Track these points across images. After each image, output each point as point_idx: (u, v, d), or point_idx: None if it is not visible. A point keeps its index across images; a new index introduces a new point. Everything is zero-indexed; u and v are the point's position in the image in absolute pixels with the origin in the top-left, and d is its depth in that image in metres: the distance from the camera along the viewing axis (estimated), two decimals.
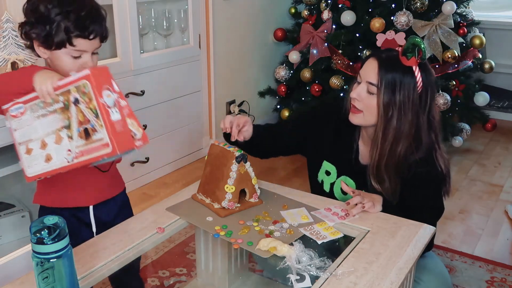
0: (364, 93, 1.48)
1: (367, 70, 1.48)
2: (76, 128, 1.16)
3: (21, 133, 1.25)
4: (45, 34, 1.28)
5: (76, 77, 1.13)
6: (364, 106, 1.49)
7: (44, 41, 1.29)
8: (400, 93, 1.43)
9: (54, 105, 1.17)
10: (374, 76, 1.45)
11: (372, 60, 1.48)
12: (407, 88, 1.44)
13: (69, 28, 1.27)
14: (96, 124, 1.14)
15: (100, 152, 1.15)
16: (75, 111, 1.15)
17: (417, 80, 1.44)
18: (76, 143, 1.16)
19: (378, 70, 1.45)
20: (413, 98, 1.44)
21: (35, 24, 1.28)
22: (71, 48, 1.30)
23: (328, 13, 3.18)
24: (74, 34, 1.28)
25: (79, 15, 1.28)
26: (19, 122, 1.24)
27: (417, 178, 1.50)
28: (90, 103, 1.13)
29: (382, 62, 1.46)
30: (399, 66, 1.44)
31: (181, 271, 2.04)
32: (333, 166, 1.64)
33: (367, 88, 1.47)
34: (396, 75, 1.44)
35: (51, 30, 1.27)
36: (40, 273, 0.96)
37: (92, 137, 1.15)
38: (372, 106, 1.47)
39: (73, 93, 1.14)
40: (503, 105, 3.95)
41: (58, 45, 1.29)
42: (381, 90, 1.44)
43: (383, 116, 1.46)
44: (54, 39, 1.28)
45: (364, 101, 1.48)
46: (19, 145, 1.26)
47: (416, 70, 1.44)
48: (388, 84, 1.43)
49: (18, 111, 1.21)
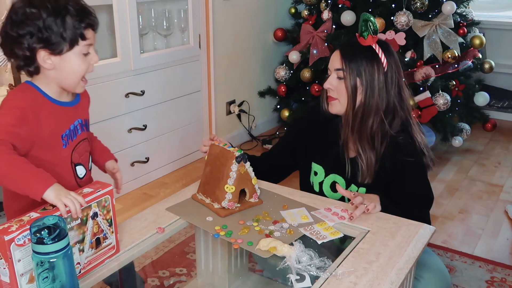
0: (334, 81, 1.57)
1: (333, 60, 1.58)
2: (89, 240, 1.16)
3: (26, 262, 1.02)
4: (55, 36, 1.21)
5: (100, 193, 1.16)
6: (337, 93, 1.57)
7: (54, 45, 1.22)
8: (366, 73, 1.53)
9: (72, 223, 1.10)
10: (338, 62, 1.55)
11: (336, 51, 1.59)
12: (370, 67, 1.53)
13: (76, 22, 1.23)
14: (108, 231, 1.21)
15: (106, 255, 1.22)
16: (91, 225, 1.16)
17: (380, 58, 1.53)
18: (86, 254, 1.16)
19: (341, 56, 1.56)
20: (379, 76, 1.53)
21: (37, 32, 1.20)
22: (83, 44, 1.25)
23: (328, 13, 3.18)
24: (83, 25, 1.24)
25: (77, 7, 1.24)
26: (25, 251, 1.02)
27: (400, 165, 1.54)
28: (107, 214, 1.19)
29: (343, 48, 1.58)
30: (359, 47, 1.55)
31: (181, 271, 2.04)
32: (320, 166, 1.69)
33: (336, 75, 1.57)
34: (358, 57, 1.53)
35: (59, 29, 1.21)
36: (40, 273, 0.97)
37: (102, 244, 1.20)
38: (344, 90, 1.55)
39: (93, 208, 1.15)
40: (503, 105, 3.95)
41: (72, 43, 1.23)
42: (347, 72, 1.53)
43: (351, 96, 1.54)
44: (66, 38, 1.22)
45: (337, 88, 1.57)
46: (20, 276, 1.02)
47: (378, 50, 1.54)
48: (352, 65, 1.53)
49: (26, 238, 1.00)
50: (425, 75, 3.01)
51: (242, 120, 3.65)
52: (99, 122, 2.49)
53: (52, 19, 1.21)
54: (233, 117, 3.58)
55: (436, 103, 3.04)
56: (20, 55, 1.23)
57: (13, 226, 1.00)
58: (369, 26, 1.53)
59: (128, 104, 2.72)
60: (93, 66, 1.31)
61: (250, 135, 3.70)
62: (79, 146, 1.37)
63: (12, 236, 0.98)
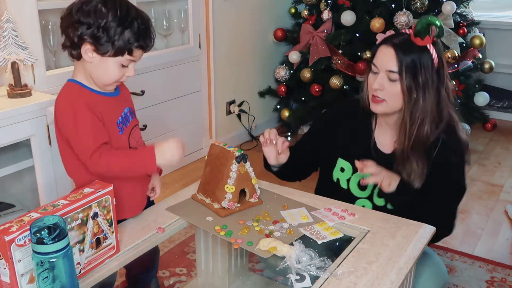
0: (385, 82, 1.48)
1: (384, 58, 1.48)
2: (89, 241, 1.17)
3: (26, 263, 1.03)
4: (106, 40, 1.28)
5: (101, 193, 1.16)
6: (386, 95, 1.49)
7: (101, 46, 1.29)
8: (422, 74, 1.45)
9: (72, 223, 1.11)
10: (393, 63, 1.46)
11: (386, 47, 1.48)
12: (426, 67, 1.45)
13: (132, 38, 1.30)
14: (108, 231, 1.21)
15: (107, 255, 1.22)
16: (92, 225, 1.16)
17: (433, 57, 1.46)
18: (86, 254, 1.17)
19: (396, 56, 1.45)
20: (433, 75, 1.46)
21: (95, 27, 1.27)
22: (127, 57, 1.33)
23: (328, 13, 3.18)
24: (136, 44, 1.31)
25: (142, 27, 1.32)
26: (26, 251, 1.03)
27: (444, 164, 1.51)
28: (108, 214, 1.19)
29: (398, 47, 1.46)
30: (414, 47, 1.46)
31: (181, 271, 2.04)
32: (348, 163, 1.63)
33: (387, 76, 1.48)
34: (414, 57, 1.44)
35: (113, 36, 1.28)
36: (40, 273, 0.97)
37: (102, 244, 1.20)
38: (395, 92, 1.47)
39: (93, 208, 1.15)
40: (503, 105, 3.95)
41: (116, 52, 1.30)
42: (402, 75, 1.45)
43: (408, 99, 1.47)
44: (114, 46, 1.29)
45: (387, 90, 1.49)
46: (20, 276, 1.03)
47: (430, 47, 1.46)
48: (408, 68, 1.44)
49: (26, 238, 1.01)
50: None
51: (242, 120, 3.65)
52: None
53: (115, 25, 1.28)
54: (233, 117, 3.58)
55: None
56: (70, 37, 1.31)
57: (14, 227, 1.00)
58: (432, 30, 1.46)
59: None
60: (126, 77, 1.38)
61: (250, 135, 3.70)
62: (134, 132, 1.47)
63: (12, 237, 0.98)
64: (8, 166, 1.87)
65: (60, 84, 1.41)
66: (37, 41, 2.03)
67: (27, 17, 1.99)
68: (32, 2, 2.01)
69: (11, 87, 1.87)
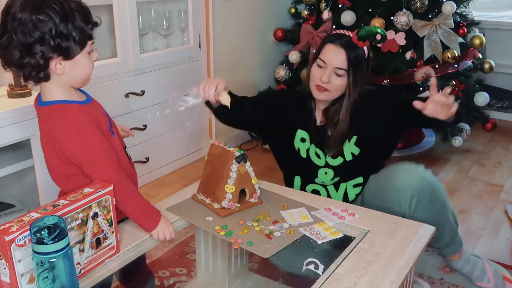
0: (333, 76, 1.70)
1: (334, 56, 1.69)
2: (89, 240, 1.17)
3: (26, 263, 1.04)
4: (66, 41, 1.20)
5: (101, 193, 1.16)
6: (331, 86, 1.71)
7: (67, 50, 1.21)
8: (362, 68, 1.72)
9: (72, 223, 1.11)
10: (342, 61, 1.68)
11: (335, 47, 1.70)
12: (363, 61, 1.72)
13: (83, 24, 1.22)
14: (108, 231, 1.21)
15: (107, 255, 1.23)
16: (91, 225, 1.16)
17: (365, 51, 1.73)
18: (86, 254, 1.17)
19: (345, 56, 1.68)
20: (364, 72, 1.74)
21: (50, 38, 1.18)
22: (89, 43, 1.25)
23: (328, 13, 3.18)
24: (90, 26, 1.24)
25: (79, 6, 1.23)
26: (26, 251, 1.03)
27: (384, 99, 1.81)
28: (108, 214, 1.19)
29: (346, 48, 1.68)
30: (357, 50, 1.70)
31: (181, 271, 2.04)
32: (306, 133, 1.81)
33: (334, 72, 1.69)
34: (357, 56, 1.70)
35: (70, 34, 1.19)
36: (40, 273, 0.97)
37: (102, 244, 1.20)
38: (340, 85, 1.71)
39: (93, 208, 1.15)
40: (503, 105, 3.94)
41: (81, 45, 1.23)
42: (349, 72, 1.69)
43: (352, 87, 1.71)
44: (76, 41, 1.21)
45: (333, 83, 1.70)
46: (21, 276, 1.03)
47: (366, 50, 1.73)
48: (354, 66, 1.69)
49: (26, 238, 1.01)
50: (425, 75, 3.01)
51: None
52: None
53: (64, 24, 1.18)
54: None
55: None
56: (31, 65, 1.20)
57: (14, 227, 1.00)
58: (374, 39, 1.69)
59: (128, 104, 2.72)
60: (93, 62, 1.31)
61: (250, 135, 3.70)
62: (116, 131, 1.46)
63: (12, 237, 0.98)
64: (8, 166, 1.88)
65: None
66: None
67: None
68: None
69: (11, 87, 1.87)
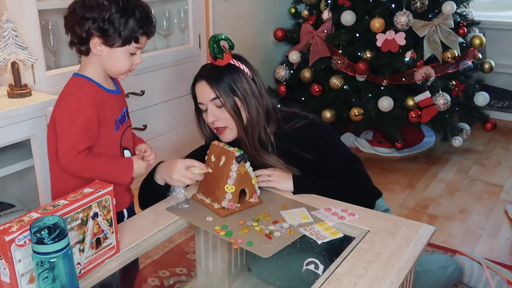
0: (216, 111, 1.56)
1: (202, 93, 1.56)
2: (89, 241, 1.17)
3: (26, 263, 1.03)
4: (113, 31, 1.33)
5: (101, 193, 1.16)
6: (223, 122, 1.57)
7: (109, 38, 1.33)
8: (239, 88, 1.54)
9: (72, 223, 1.11)
10: (210, 92, 1.54)
11: (199, 83, 1.57)
12: (240, 82, 1.55)
13: (136, 26, 1.35)
14: (108, 231, 1.21)
15: (107, 255, 1.23)
16: (92, 225, 1.16)
17: (242, 69, 1.57)
18: (87, 254, 1.17)
19: (209, 85, 1.54)
20: (250, 86, 1.56)
21: (100, 20, 1.31)
22: (134, 45, 1.38)
23: (328, 13, 3.18)
24: (141, 31, 1.37)
25: (143, 14, 1.37)
26: (26, 251, 1.02)
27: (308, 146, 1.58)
28: (108, 214, 1.19)
29: (207, 77, 1.55)
30: (221, 69, 1.55)
31: (181, 271, 2.04)
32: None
33: (214, 105, 1.55)
34: (225, 78, 1.54)
35: (119, 27, 1.33)
36: (40, 273, 0.97)
37: (102, 244, 1.20)
38: (229, 116, 1.55)
39: (93, 208, 1.15)
40: (503, 105, 3.95)
41: (124, 42, 1.35)
42: (223, 97, 1.53)
43: (238, 117, 1.55)
44: (121, 37, 1.34)
45: (222, 117, 1.56)
46: (21, 276, 1.03)
47: (236, 63, 1.57)
48: (225, 89, 1.53)
49: (26, 238, 1.01)
50: (425, 75, 3.01)
51: None
52: None
53: (118, 16, 1.32)
54: None
55: (436, 103, 3.04)
56: (77, 34, 1.35)
57: (14, 227, 1.00)
58: (223, 46, 1.56)
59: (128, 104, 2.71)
60: (135, 65, 1.43)
61: None
62: (127, 131, 1.52)
63: (12, 237, 0.98)
64: (8, 166, 1.88)
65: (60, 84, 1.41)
66: (37, 41, 2.03)
67: (27, 17, 1.99)
68: (32, 2, 2.01)
69: (11, 87, 1.88)
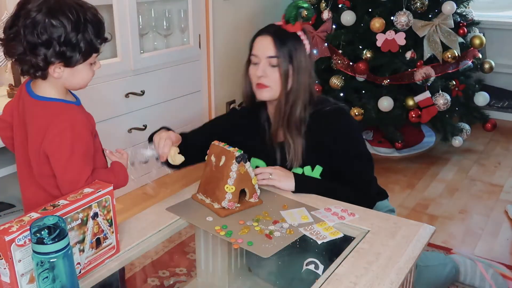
0: (268, 68, 1.57)
1: (263, 46, 1.57)
2: (89, 241, 1.17)
3: (26, 263, 1.02)
4: (71, 51, 1.20)
5: (101, 193, 1.16)
6: (270, 81, 1.57)
7: (69, 59, 1.21)
8: (296, 59, 1.56)
9: (72, 223, 1.11)
10: (272, 49, 1.55)
11: (263, 37, 1.58)
12: (299, 52, 1.57)
13: (94, 37, 1.24)
14: (108, 231, 1.21)
15: (107, 255, 1.22)
16: (91, 225, 1.16)
17: (304, 42, 1.58)
18: (87, 254, 1.17)
19: (273, 42, 1.55)
20: (306, 60, 1.58)
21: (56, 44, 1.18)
22: (94, 55, 1.27)
23: (328, 13, 3.18)
24: (99, 41, 1.26)
25: (95, 20, 1.25)
26: (26, 251, 1.02)
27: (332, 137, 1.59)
28: (108, 214, 1.19)
29: (274, 35, 1.57)
30: (288, 34, 1.57)
31: (181, 271, 2.04)
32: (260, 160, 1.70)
33: (268, 63, 1.57)
34: (289, 43, 1.56)
35: (77, 44, 1.20)
36: (40, 273, 0.97)
37: (102, 244, 1.20)
38: (277, 78, 1.57)
39: (93, 208, 1.15)
40: (503, 105, 3.95)
41: (85, 57, 1.24)
42: (281, 59, 1.55)
43: (285, 83, 1.56)
44: (81, 53, 1.22)
45: (270, 76, 1.57)
46: (21, 276, 1.02)
47: (302, 35, 1.58)
48: (285, 53, 1.55)
49: (26, 238, 1.01)
50: (425, 75, 3.01)
51: None
52: (99, 122, 2.46)
53: (74, 33, 1.19)
54: None
55: (436, 103, 3.04)
56: (32, 63, 1.20)
57: (14, 227, 1.00)
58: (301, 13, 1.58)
59: (128, 104, 2.72)
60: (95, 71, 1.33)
61: None
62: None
63: (12, 237, 0.98)
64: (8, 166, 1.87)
65: None
66: None
67: None
68: None
69: (11, 87, 1.88)
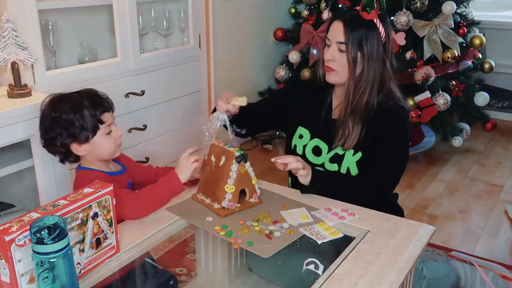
0: (336, 53, 1.61)
1: (335, 31, 1.61)
2: (89, 241, 1.17)
3: (26, 263, 1.03)
4: (79, 130, 1.45)
5: (101, 193, 1.17)
6: (337, 65, 1.62)
7: (80, 137, 1.46)
8: (367, 46, 1.58)
9: (72, 223, 1.11)
10: (341, 35, 1.59)
11: (337, 22, 1.61)
12: (372, 40, 1.58)
13: (92, 112, 1.46)
14: (108, 231, 1.21)
15: (107, 255, 1.23)
16: (92, 225, 1.16)
17: (380, 31, 1.59)
18: (87, 254, 1.17)
19: (344, 29, 1.58)
20: (378, 49, 1.59)
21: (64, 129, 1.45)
22: (103, 126, 1.48)
23: (328, 13, 3.18)
24: (98, 113, 1.47)
25: (91, 99, 1.48)
26: (26, 251, 1.02)
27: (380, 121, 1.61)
28: (107, 215, 1.20)
29: (346, 21, 1.59)
30: (362, 21, 1.58)
31: (181, 271, 2.04)
32: (307, 130, 1.74)
33: (338, 48, 1.60)
34: (361, 30, 1.58)
35: (81, 123, 1.45)
36: (40, 273, 0.97)
37: (103, 244, 1.21)
38: (345, 63, 1.60)
39: (93, 208, 1.16)
40: (503, 105, 3.95)
41: (93, 130, 1.46)
42: (349, 46, 1.58)
43: (353, 69, 1.59)
44: (88, 128, 1.46)
45: (338, 61, 1.61)
46: (21, 276, 1.03)
47: (378, 22, 1.59)
48: (354, 40, 1.57)
49: (26, 238, 1.01)
50: (425, 75, 3.01)
51: None
52: None
53: (72, 115, 1.45)
54: None
55: (436, 103, 3.04)
56: (58, 152, 1.52)
57: (14, 227, 1.00)
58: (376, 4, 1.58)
59: (128, 104, 2.71)
60: (120, 137, 1.54)
61: None
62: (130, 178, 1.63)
63: (12, 237, 0.98)
64: (8, 166, 1.87)
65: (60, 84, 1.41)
66: (37, 41, 2.03)
67: (27, 17, 1.99)
68: (32, 2, 2.00)
69: (11, 87, 1.87)
